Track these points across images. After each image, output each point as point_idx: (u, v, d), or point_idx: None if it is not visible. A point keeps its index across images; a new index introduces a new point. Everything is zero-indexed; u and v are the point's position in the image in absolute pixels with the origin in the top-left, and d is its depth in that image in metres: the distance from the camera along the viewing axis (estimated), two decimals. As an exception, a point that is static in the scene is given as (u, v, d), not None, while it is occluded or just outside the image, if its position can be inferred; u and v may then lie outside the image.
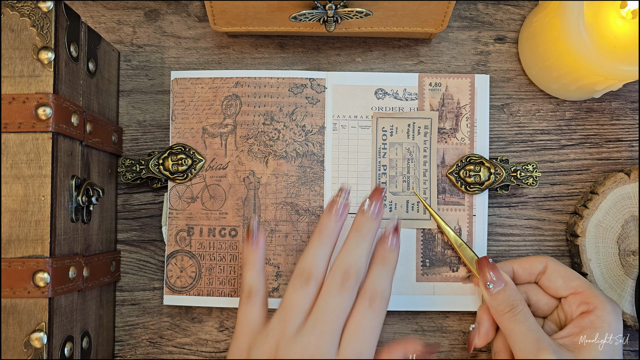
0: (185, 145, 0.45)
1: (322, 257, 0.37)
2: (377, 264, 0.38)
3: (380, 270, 0.38)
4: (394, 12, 0.41)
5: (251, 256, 0.39)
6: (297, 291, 0.37)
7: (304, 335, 0.35)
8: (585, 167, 0.47)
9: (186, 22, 0.48)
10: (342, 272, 0.36)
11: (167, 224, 0.45)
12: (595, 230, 0.44)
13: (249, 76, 0.45)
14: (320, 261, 0.37)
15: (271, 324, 0.37)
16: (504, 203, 0.47)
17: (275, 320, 0.37)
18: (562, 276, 0.41)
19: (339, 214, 0.38)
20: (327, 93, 0.45)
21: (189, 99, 0.45)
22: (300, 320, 0.36)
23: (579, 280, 0.41)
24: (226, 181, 0.45)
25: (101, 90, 0.44)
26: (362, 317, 0.36)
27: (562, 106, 0.47)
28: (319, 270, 0.37)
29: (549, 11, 0.42)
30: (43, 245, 0.36)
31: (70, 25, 0.39)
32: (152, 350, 0.46)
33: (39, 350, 0.36)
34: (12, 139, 0.37)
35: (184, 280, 0.44)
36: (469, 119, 0.45)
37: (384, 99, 0.45)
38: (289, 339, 0.35)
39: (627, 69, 0.40)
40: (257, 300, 0.38)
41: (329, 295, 0.36)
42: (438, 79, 0.45)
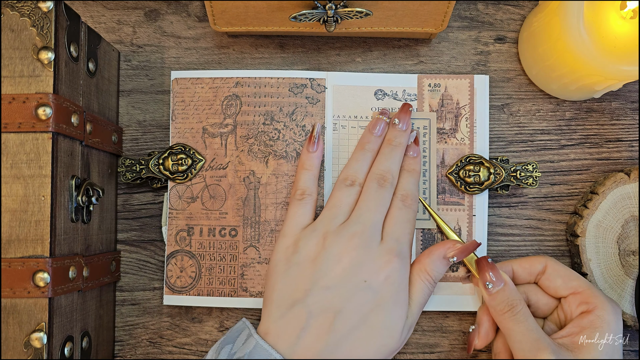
0: (186, 145, 0.45)
1: (364, 166, 0.42)
2: (405, 172, 0.42)
3: (408, 177, 0.42)
4: (394, 12, 0.41)
5: (309, 160, 0.42)
6: (342, 191, 0.41)
7: (350, 224, 0.39)
8: (585, 167, 0.47)
9: (186, 22, 0.48)
10: (379, 176, 0.41)
11: (167, 224, 0.45)
12: (595, 230, 0.44)
13: (249, 76, 0.45)
14: (362, 168, 0.42)
15: (319, 219, 0.40)
16: (504, 203, 0.47)
17: (322, 215, 0.40)
18: (562, 276, 0.41)
19: (379, 131, 0.43)
20: (327, 93, 0.45)
21: (189, 98, 0.45)
22: (345, 215, 0.40)
23: (579, 280, 0.41)
24: (226, 181, 0.45)
25: (101, 90, 0.44)
26: (399, 212, 0.40)
27: (562, 106, 0.47)
28: (360, 176, 0.41)
29: (549, 11, 0.42)
30: (43, 245, 0.36)
31: (70, 25, 0.39)
32: (152, 350, 0.46)
33: (39, 350, 0.36)
34: (12, 139, 0.37)
35: (184, 280, 0.44)
36: (469, 119, 0.45)
37: (383, 100, 0.45)
38: (336, 229, 0.39)
39: (627, 69, 0.40)
40: (309, 202, 0.41)
41: (369, 194, 0.40)
42: (437, 79, 0.45)
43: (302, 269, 0.38)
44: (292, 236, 0.40)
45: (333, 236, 0.38)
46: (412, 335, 0.46)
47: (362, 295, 0.37)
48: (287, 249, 0.40)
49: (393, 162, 0.42)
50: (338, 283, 0.37)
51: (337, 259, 0.38)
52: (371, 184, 0.41)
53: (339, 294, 0.37)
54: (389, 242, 0.39)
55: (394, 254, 0.38)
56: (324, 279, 0.37)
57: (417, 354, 0.46)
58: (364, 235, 0.38)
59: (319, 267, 0.38)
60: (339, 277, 0.37)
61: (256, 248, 0.44)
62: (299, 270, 0.38)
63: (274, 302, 0.38)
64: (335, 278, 0.37)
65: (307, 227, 0.40)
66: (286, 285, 0.38)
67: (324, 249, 0.38)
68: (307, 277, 0.38)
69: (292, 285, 0.38)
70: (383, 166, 0.41)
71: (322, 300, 0.37)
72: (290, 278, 0.38)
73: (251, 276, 0.44)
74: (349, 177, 0.41)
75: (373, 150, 0.42)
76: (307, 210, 0.41)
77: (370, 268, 0.38)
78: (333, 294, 0.37)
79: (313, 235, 0.39)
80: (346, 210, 0.40)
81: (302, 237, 0.39)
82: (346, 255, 0.38)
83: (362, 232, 0.38)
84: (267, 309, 0.38)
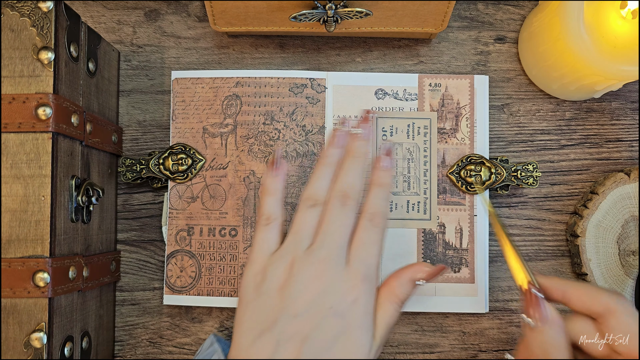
0: (186, 145, 0.45)
1: (324, 184, 0.41)
2: (374, 186, 0.41)
3: (377, 191, 0.40)
4: (394, 12, 0.41)
5: (272, 184, 0.41)
6: (305, 214, 0.40)
7: (315, 250, 0.38)
8: (585, 167, 0.47)
9: (186, 22, 0.48)
10: (342, 194, 0.39)
11: (167, 224, 0.45)
12: (595, 230, 0.44)
13: (249, 76, 0.45)
14: (323, 187, 0.40)
15: (284, 245, 0.39)
16: (504, 203, 0.47)
17: (287, 241, 0.39)
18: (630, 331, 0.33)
19: (340, 143, 0.41)
20: (327, 93, 0.45)
21: (190, 98, 0.45)
22: (310, 239, 0.39)
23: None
24: (226, 181, 0.45)
25: (101, 90, 0.44)
26: (365, 232, 0.39)
27: (562, 106, 0.47)
28: (322, 195, 0.40)
29: (549, 11, 0.42)
30: (43, 245, 0.36)
31: (70, 25, 0.39)
32: (152, 350, 0.46)
33: (39, 350, 0.36)
34: (12, 139, 0.37)
35: (184, 280, 0.44)
36: (469, 119, 0.45)
37: (384, 99, 0.45)
38: (302, 255, 0.38)
39: (627, 69, 0.40)
40: (275, 227, 0.40)
41: (332, 215, 0.39)
42: (438, 79, 0.45)
43: (270, 297, 0.38)
44: (260, 263, 0.39)
45: (300, 263, 0.38)
46: (412, 335, 0.46)
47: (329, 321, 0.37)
48: (256, 277, 0.39)
49: (356, 176, 0.40)
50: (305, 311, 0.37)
51: (304, 287, 0.37)
52: (334, 203, 0.39)
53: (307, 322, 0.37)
54: (355, 265, 0.38)
55: (360, 278, 0.37)
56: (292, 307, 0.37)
57: (417, 354, 0.46)
58: (329, 260, 0.38)
59: (287, 296, 0.37)
60: (306, 305, 0.37)
61: (256, 248, 0.44)
62: (267, 299, 0.38)
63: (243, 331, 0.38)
64: (302, 306, 0.37)
65: (274, 253, 0.39)
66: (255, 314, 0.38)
67: (291, 277, 0.38)
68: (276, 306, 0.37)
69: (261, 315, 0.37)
70: (345, 182, 0.40)
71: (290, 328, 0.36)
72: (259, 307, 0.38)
73: (251, 276, 0.44)
74: (311, 197, 0.40)
75: (334, 164, 0.41)
76: (273, 235, 0.40)
77: (336, 294, 0.37)
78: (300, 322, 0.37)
79: (281, 262, 0.38)
80: (311, 233, 0.39)
81: (270, 264, 0.39)
82: (312, 282, 0.37)
83: (327, 257, 0.38)
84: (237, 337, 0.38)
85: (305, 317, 0.37)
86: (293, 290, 0.37)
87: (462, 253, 0.44)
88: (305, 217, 0.40)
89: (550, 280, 0.36)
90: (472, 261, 0.44)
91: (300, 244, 0.39)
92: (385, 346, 0.46)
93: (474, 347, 0.46)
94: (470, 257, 0.44)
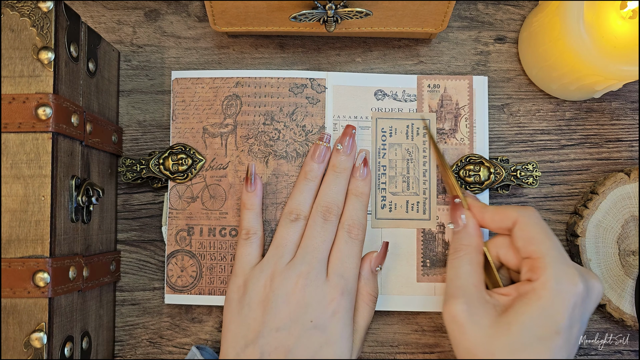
0: (186, 145, 0.45)
1: (308, 197, 0.42)
2: (351, 196, 0.42)
3: (355, 202, 0.42)
4: (394, 12, 0.41)
5: (250, 200, 0.42)
6: (286, 228, 0.41)
7: (296, 264, 0.40)
8: (585, 167, 0.47)
9: (186, 22, 0.48)
10: (324, 209, 0.41)
11: (167, 224, 0.45)
12: (595, 230, 0.44)
13: (249, 76, 0.45)
14: (306, 201, 0.42)
15: (265, 259, 0.41)
16: (504, 203, 0.47)
17: (268, 255, 0.41)
18: (525, 237, 0.37)
19: (321, 157, 0.42)
20: (327, 93, 0.45)
21: (190, 98, 0.45)
22: (291, 253, 0.40)
23: (540, 244, 0.36)
24: (226, 181, 0.45)
25: (101, 90, 0.44)
26: (344, 245, 0.40)
27: (562, 106, 0.47)
28: (305, 209, 0.42)
29: (549, 11, 0.42)
30: (43, 245, 0.36)
31: (70, 25, 0.39)
32: (152, 350, 0.46)
33: (39, 350, 0.36)
34: (12, 139, 0.37)
35: (184, 279, 0.44)
36: (468, 119, 0.45)
37: (383, 100, 0.45)
38: (282, 269, 0.40)
39: (627, 69, 0.40)
40: (255, 241, 0.42)
41: (314, 230, 0.41)
42: (436, 80, 0.45)
43: (253, 310, 0.39)
44: (242, 276, 0.41)
45: (280, 277, 0.39)
46: (412, 335, 0.46)
47: (311, 334, 0.38)
48: (239, 289, 0.40)
49: (338, 191, 0.41)
50: (287, 324, 0.38)
51: (285, 300, 0.39)
52: (316, 218, 0.41)
53: (289, 334, 0.38)
54: (334, 278, 0.39)
55: (339, 291, 0.39)
56: (274, 321, 0.38)
57: (417, 354, 0.46)
58: (309, 275, 0.39)
59: (268, 309, 0.39)
60: (288, 318, 0.38)
61: (256, 248, 0.44)
62: (250, 311, 0.39)
63: (229, 343, 0.39)
64: (284, 319, 0.38)
65: (255, 266, 0.41)
66: (239, 326, 0.39)
67: (272, 291, 0.39)
68: (258, 318, 0.39)
69: (245, 326, 0.39)
70: (328, 197, 0.41)
71: (274, 340, 0.38)
72: (242, 319, 0.39)
73: (251, 276, 0.44)
74: (293, 211, 0.41)
75: (316, 178, 0.42)
76: (253, 249, 0.41)
77: (316, 308, 0.39)
78: (283, 335, 0.38)
79: (261, 276, 0.40)
80: (292, 248, 0.41)
81: (251, 277, 0.40)
82: (293, 296, 0.39)
83: (307, 272, 0.39)
84: (223, 348, 0.40)
85: (288, 331, 0.38)
86: (274, 304, 0.39)
87: (462, 253, 0.44)
88: (287, 231, 0.41)
89: (473, 201, 0.41)
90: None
91: (281, 258, 0.40)
92: (385, 346, 0.46)
93: (474, 347, 0.46)
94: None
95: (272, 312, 0.38)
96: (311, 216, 0.41)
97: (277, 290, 0.39)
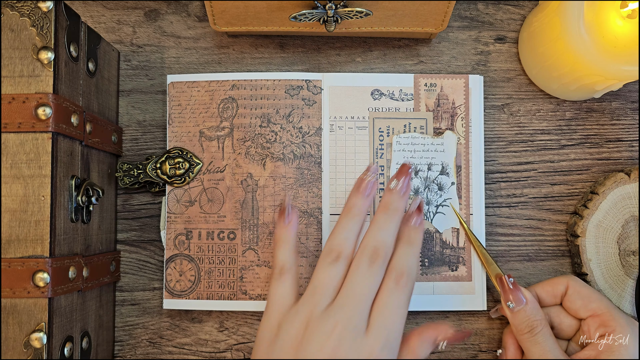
0: (183, 149, 0.45)
1: (351, 236, 0.38)
2: (403, 243, 0.38)
3: (406, 249, 0.38)
4: (394, 12, 0.41)
5: (284, 234, 0.39)
6: (326, 269, 0.37)
7: (334, 312, 0.36)
8: (585, 167, 0.47)
9: (186, 22, 0.48)
10: (371, 251, 0.37)
11: (166, 228, 0.45)
12: (596, 230, 0.44)
13: (245, 79, 0.45)
14: (349, 239, 0.38)
15: (301, 301, 0.37)
16: (504, 203, 0.47)
17: (305, 298, 0.37)
18: (582, 297, 0.41)
19: (367, 192, 0.39)
20: (323, 94, 0.45)
21: (186, 102, 0.45)
22: (329, 297, 0.37)
23: (600, 302, 0.40)
24: (224, 184, 0.45)
25: (101, 90, 0.44)
26: (390, 295, 0.36)
27: (562, 106, 0.47)
28: (348, 249, 0.38)
29: (549, 11, 0.42)
30: (43, 245, 0.36)
31: (70, 25, 0.39)
32: (152, 351, 0.46)
33: (38, 350, 0.36)
34: (12, 139, 0.37)
35: (183, 284, 0.44)
36: (464, 119, 0.45)
37: (380, 100, 0.45)
38: (318, 316, 0.36)
39: (627, 69, 0.40)
40: (289, 278, 0.39)
41: (358, 274, 0.37)
42: (433, 79, 0.45)
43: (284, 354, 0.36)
44: (276, 318, 0.38)
45: (315, 323, 0.36)
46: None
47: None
48: (271, 331, 0.37)
49: (388, 233, 0.38)
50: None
51: (319, 349, 0.35)
52: (361, 260, 0.37)
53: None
54: (374, 333, 0.35)
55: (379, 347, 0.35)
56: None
57: (417, 354, 0.46)
58: (348, 325, 0.35)
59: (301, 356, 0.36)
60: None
61: (255, 251, 0.44)
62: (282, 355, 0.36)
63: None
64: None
65: (291, 308, 0.37)
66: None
67: (305, 338, 0.36)
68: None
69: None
70: (377, 238, 0.37)
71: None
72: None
73: (250, 279, 0.44)
74: (333, 250, 0.37)
75: (361, 214, 0.38)
76: (287, 287, 0.38)
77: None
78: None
79: (296, 320, 0.37)
80: (331, 292, 0.37)
81: (285, 321, 0.37)
82: (327, 345, 0.35)
83: (346, 320, 0.35)
84: None
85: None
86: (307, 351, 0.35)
87: (459, 252, 0.44)
88: (327, 274, 0.37)
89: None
90: (469, 259, 0.44)
91: (319, 302, 0.36)
92: (385, 346, 0.46)
93: (474, 347, 0.46)
94: (467, 255, 0.44)
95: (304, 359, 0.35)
96: (356, 258, 0.37)
97: (311, 337, 0.36)
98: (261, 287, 0.44)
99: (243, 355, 0.46)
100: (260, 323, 0.39)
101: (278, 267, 0.39)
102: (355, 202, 0.39)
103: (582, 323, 0.41)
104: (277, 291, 0.38)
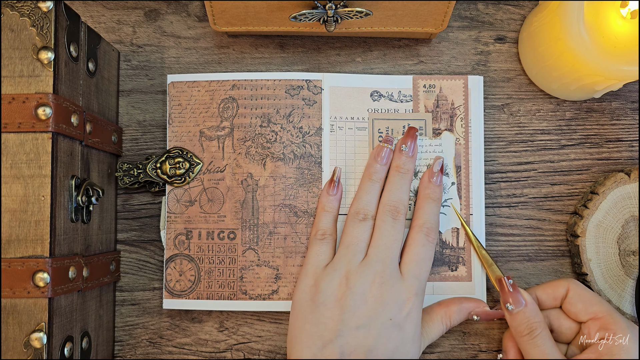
0: (183, 149, 0.45)
1: (373, 198, 0.42)
2: (427, 199, 0.42)
3: (432, 206, 0.42)
4: (394, 12, 0.41)
5: (328, 203, 0.43)
6: (356, 227, 0.41)
7: (371, 263, 0.40)
8: (585, 167, 0.47)
9: (186, 22, 0.48)
10: (392, 208, 0.41)
11: (166, 228, 0.45)
12: (596, 231, 0.44)
13: (245, 78, 0.45)
14: (372, 201, 0.42)
15: (336, 257, 0.41)
16: (504, 203, 0.47)
17: (339, 254, 0.41)
18: (583, 300, 0.41)
19: (384, 160, 0.43)
20: (323, 94, 0.45)
21: (186, 102, 0.45)
22: (362, 251, 0.41)
23: (600, 305, 0.40)
24: (224, 184, 0.45)
25: (101, 90, 0.44)
26: (420, 247, 0.41)
27: (562, 106, 0.47)
28: (371, 209, 0.42)
29: (549, 11, 0.42)
30: (43, 245, 0.36)
31: (70, 25, 0.39)
32: (152, 351, 0.46)
33: (38, 350, 0.36)
34: (12, 139, 0.37)
35: (183, 284, 0.44)
36: (464, 119, 0.45)
37: (379, 101, 0.45)
38: (356, 269, 0.40)
39: (627, 69, 0.40)
40: (329, 242, 0.42)
41: (385, 229, 0.41)
42: (432, 80, 0.45)
43: (329, 309, 0.39)
44: (313, 276, 0.41)
45: (355, 276, 0.39)
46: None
47: (389, 332, 0.38)
48: (310, 289, 0.40)
49: (403, 191, 0.42)
50: (366, 322, 0.38)
51: (363, 299, 0.39)
52: (385, 217, 0.41)
53: (368, 333, 0.38)
54: (409, 279, 0.40)
55: (414, 292, 0.39)
56: (353, 319, 0.38)
57: (417, 354, 0.46)
58: (385, 273, 0.39)
59: (346, 308, 0.39)
60: (367, 317, 0.38)
61: (255, 251, 0.44)
62: (326, 310, 0.39)
63: (304, 343, 0.39)
64: (363, 317, 0.38)
65: (327, 266, 0.41)
66: (315, 325, 0.39)
67: (348, 289, 0.39)
68: (335, 317, 0.39)
69: (321, 326, 0.39)
70: (394, 197, 0.41)
71: (353, 339, 0.38)
72: (317, 318, 0.39)
73: (250, 279, 0.44)
74: (360, 211, 0.42)
75: (381, 179, 0.42)
76: (327, 250, 0.42)
77: (393, 306, 0.39)
78: (362, 333, 0.38)
79: (335, 274, 0.40)
80: (363, 247, 0.41)
81: (324, 277, 0.40)
82: (371, 294, 0.39)
83: (383, 270, 0.39)
84: (297, 350, 0.39)
85: (367, 329, 0.38)
86: (352, 302, 0.39)
87: (459, 252, 0.44)
88: (357, 231, 0.41)
89: None
90: (469, 259, 0.44)
91: (354, 257, 0.40)
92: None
93: (474, 347, 0.46)
94: (467, 255, 0.44)
95: (350, 311, 0.38)
96: (379, 215, 0.41)
97: (354, 288, 0.39)
98: (261, 287, 0.44)
99: (243, 355, 0.46)
100: (297, 283, 0.41)
101: (320, 231, 0.42)
102: (375, 167, 0.43)
103: (582, 326, 0.41)
104: (318, 249, 0.41)
